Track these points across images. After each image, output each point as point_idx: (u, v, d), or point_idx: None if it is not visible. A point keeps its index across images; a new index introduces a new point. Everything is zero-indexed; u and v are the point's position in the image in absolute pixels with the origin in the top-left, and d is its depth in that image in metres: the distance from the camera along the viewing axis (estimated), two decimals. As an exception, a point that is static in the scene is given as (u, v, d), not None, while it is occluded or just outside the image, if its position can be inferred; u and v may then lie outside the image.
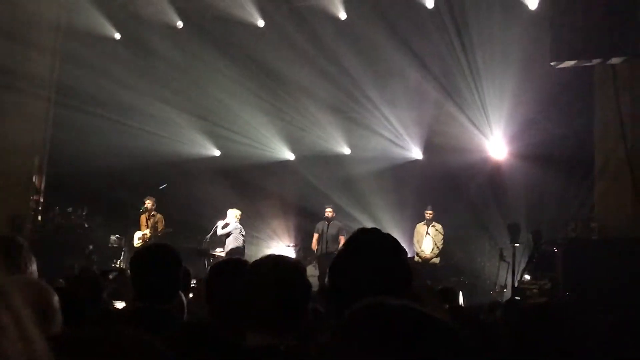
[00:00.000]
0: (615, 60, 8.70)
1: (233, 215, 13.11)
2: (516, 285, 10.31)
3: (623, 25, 8.36)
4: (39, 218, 14.53)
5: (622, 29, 8.34)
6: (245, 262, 3.26)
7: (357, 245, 2.24)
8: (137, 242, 12.89)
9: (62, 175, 14.43)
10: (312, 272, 13.00)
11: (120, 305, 4.89)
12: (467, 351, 1.11)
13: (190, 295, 5.17)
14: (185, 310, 3.77)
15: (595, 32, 8.47)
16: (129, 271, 3.66)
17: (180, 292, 3.63)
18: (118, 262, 13.33)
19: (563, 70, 9.47)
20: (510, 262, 10.91)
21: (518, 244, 10.90)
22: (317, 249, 13.33)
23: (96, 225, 14.47)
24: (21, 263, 2.95)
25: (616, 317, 3.34)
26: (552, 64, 9.17)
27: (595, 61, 8.92)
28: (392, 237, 2.28)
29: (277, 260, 2.47)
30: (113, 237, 14.11)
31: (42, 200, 14.51)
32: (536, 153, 12.49)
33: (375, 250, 2.19)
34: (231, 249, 12.70)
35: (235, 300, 2.52)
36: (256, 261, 2.49)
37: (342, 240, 12.92)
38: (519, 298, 9.02)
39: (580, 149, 11.70)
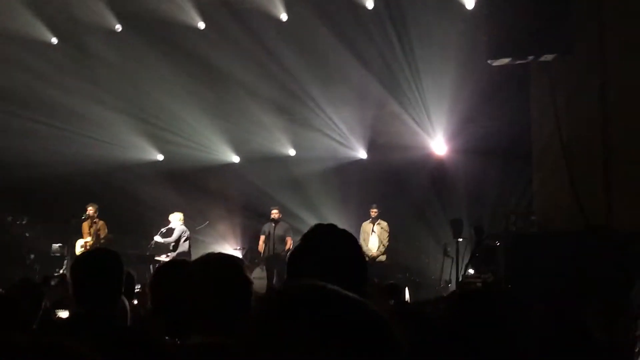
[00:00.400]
0: (547, 57, 8.98)
1: (177, 219, 12.99)
2: (460, 279, 10.50)
3: (555, 23, 8.64)
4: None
5: (554, 27, 8.62)
6: (190, 263, 3.25)
7: (314, 240, 2.24)
8: (79, 250, 12.66)
9: (0, 184, 14.06)
10: (259, 274, 12.98)
11: (64, 314, 4.80)
12: (387, 333, 1.10)
13: (135, 301, 5.11)
14: (129, 315, 3.73)
15: (528, 30, 8.72)
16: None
17: (124, 297, 3.58)
18: (60, 271, 13.04)
19: (499, 66, 9.70)
20: (454, 257, 11.11)
21: (461, 239, 11.11)
22: (264, 250, 13.31)
23: (37, 234, 14.13)
24: None
25: (548, 305, 3.45)
26: (488, 61, 9.38)
27: (530, 58, 9.18)
28: (348, 232, 2.29)
29: (215, 258, 2.47)
30: (55, 246, 13.81)
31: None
32: (475, 149, 12.76)
33: (331, 245, 2.19)
34: (177, 253, 12.60)
35: (177, 300, 2.51)
36: (196, 260, 2.49)
37: (289, 241, 12.94)
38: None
39: (517, 143, 11.99)
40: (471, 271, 10.68)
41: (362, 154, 15.06)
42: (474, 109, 12.76)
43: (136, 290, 4.99)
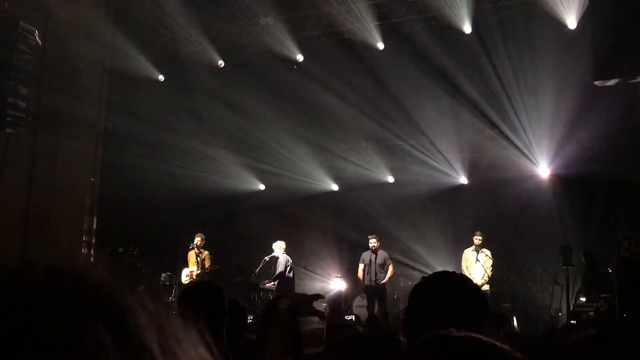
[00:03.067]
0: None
1: (279, 247, 13.09)
2: (571, 308, 10.10)
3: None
4: (91, 260, 14.76)
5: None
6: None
7: (427, 291, 2.33)
8: (184, 279, 12.90)
9: (112, 216, 14.70)
10: (360, 302, 12.93)
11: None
12: None
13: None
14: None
15: (633, 50, 8.42)
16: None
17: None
18: (170, 299, 13.42)
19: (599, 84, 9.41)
20: (564, 285, 10.71)
21: (571, 266, 10.70)
22: (363, 279, 13.20)
23: (147, 264, 14.58)
24: None
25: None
26: (595, 83, 9.10)
27: (638, 79, 8.85)
28: (460, 276, 2.37)
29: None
30: (164, 275, 14.19)
31: (93, 241, 14.76)
32: (580, 169, 12.33)
33: (444, 295, 2.27)
34: (282, 282, 12.66)
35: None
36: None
37: (389, 268, 12.78)
38: (575, 322, 8.85)
39: (622, 161, 11.52)
40: (583, 299, 10.27)
41: (462, 179, 14.82)
42: (576, 129, 12.36)
43: (249, 321, 5.07)
